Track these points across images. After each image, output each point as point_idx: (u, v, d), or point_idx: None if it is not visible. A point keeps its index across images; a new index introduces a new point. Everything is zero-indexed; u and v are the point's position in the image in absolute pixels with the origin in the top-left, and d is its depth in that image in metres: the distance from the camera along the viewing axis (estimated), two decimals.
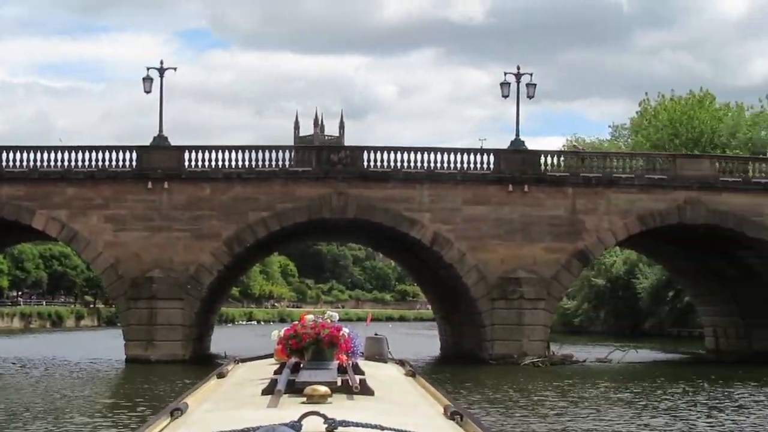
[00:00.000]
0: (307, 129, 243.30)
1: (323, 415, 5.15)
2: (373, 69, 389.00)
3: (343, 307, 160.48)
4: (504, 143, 51.35)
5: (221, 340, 58.77)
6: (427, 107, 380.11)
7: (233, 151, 49.24)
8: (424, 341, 71.01)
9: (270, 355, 9.32)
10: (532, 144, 50.91)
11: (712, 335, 61.70)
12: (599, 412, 29.28)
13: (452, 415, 6.37)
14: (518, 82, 50.54)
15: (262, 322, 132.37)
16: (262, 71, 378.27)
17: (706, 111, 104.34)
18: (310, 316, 8.13)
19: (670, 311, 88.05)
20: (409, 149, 49.57)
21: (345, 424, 5.08)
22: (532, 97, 50.56)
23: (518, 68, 50.63)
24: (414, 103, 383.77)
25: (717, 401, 32.59)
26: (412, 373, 9.07)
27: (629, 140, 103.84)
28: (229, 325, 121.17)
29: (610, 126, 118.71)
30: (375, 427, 5.03)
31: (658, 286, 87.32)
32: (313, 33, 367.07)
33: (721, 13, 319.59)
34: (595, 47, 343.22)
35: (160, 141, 49.29)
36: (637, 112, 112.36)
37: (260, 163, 48.76)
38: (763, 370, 44.75)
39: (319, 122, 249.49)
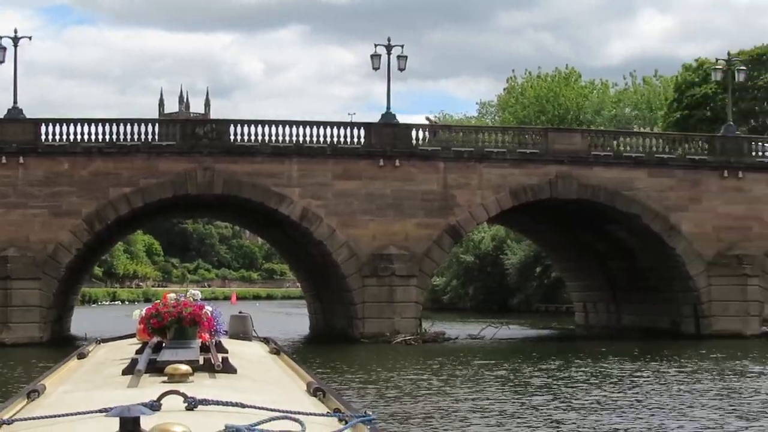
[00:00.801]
0: (172, 107, 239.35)
1: (183, 394, 5.17)
2: (240, 47, 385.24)
3: (209, 286, 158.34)
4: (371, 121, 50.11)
5: (83, 321, 56.72)
6: (294, 85, 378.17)
7: (93, 124, 47.11)
8: (294, 320, 69.87)
9: (132, 335, 9.32)
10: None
11: (582, 310, 61.74)
12: (477, 391, 28.41)
13: (315, 392, 6.45)
14: (389, 54, 49.52)
15: (127, 302, 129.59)
16: (129, 48, 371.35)
17: (572, 88, 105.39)
18: (172, 295, 8.10)
19: (537, 287, 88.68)
20: (277, 122, 48.15)
21: (205, 402, 5.13)
22: (404, 69, 49.54)
23: (389, 40, 49.61)
24: (280, 81, 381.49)
25: (592, 377, 32.05)
26: (276, 351, 9.25)
27: (496, 117, 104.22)
28: (93, 305, 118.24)
29: (477, 103, 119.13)
30: (236, 405, 5.11)
31: (526, 262, 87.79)
32: (181, 10, 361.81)
33: None
34: (460, 27, 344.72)
35: (15, 113, 46.93)
36: (504, 89, 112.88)
37: (122, 136, 46.77)
38: (633, 345, 44.82)
39: (185, 100, 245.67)
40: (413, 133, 48.88)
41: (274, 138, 47.33)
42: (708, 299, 49.43)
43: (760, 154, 51.13)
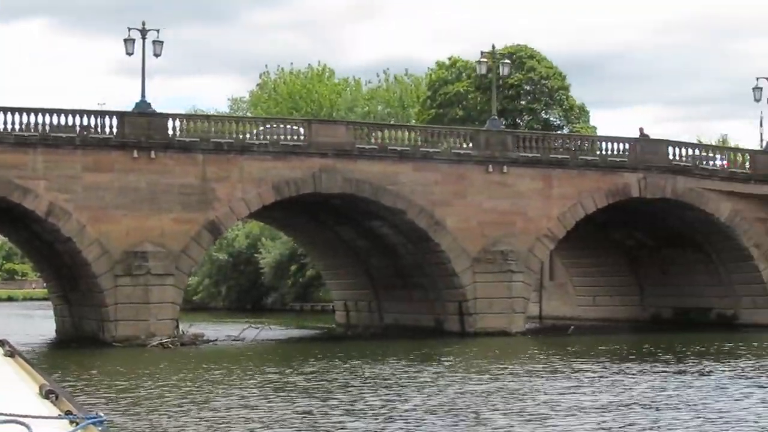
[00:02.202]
0: None
1: None
2: None
3: None
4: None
5: None
6: (39, 80, 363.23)
7: None
8: (38, 323, 65.98)
9: None
10: None
11: (343, 309, 60.32)
12: (240, 397, 26.43)
13: (47, 395, 6.55)
14: (144, 38, 46.55)
15: None
16: None
17: (325, 85, 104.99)
18: None
19: (292, 286, 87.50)
20: (20, 110, 44.20)
21: None
22: (159, 55, 46.68)
23: (143, 24, 46.64)
24: (24, 76, 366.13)
25: (361, 379, 30.54)
26: (10, 354, 9.28)
27: (248, 113, 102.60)
28: None
29: (229, 99, 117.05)
30: None
31: (281, 260, 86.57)
32: None
33: None
34: (208, 25, 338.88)
35: None
36: (257, 85, 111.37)
37: None
38: (398, 344, 43.90)
39: None
40: (170, 123, 46.07)
41: (17, 126, 43.64)
42: (473, 296, 48.68)
43: (523, 148, 50.70)
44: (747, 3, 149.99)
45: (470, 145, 50.03)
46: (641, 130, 55.36)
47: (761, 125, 64.69)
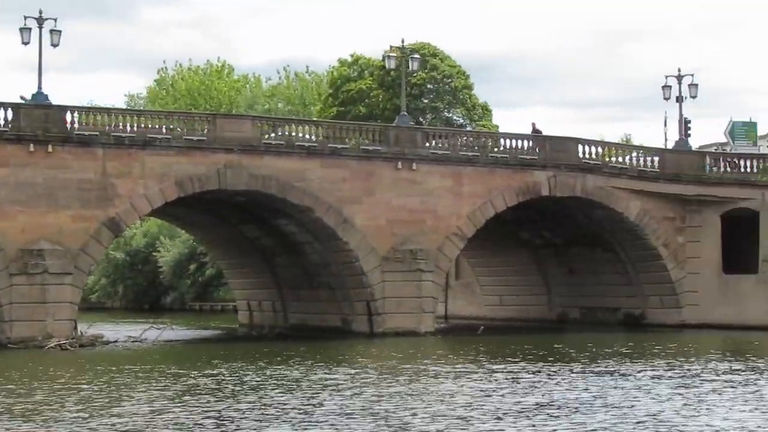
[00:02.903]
0: None
1: None
2: None
3: None
4: None
5: None
6: None
7: None
8: None
9: None
10: None
11: (246, 309, 59.07)
12: (145, 402, 25.14)
13: None
14: (40, 27, 44.80)
15: None
16: None
17: (225, 82, 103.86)
18: None
19: (191, 285, 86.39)
20: None
21: None
22: (57, 45, 44.89)
23: (40, 12, 44.87)
24: None
25: (274, 381, 29.34)
26: None
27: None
28: None
29: (125, 95, 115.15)
30: None
31: (180, 259, 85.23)
32: None
33: None
34: (104, 21, 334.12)
35: None
36: (155, 81, 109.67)
37: None
38: (304, 345, 43.12)
39: None
40: (68, 115, 44.33)
41: None
42: (381, 296, 47.77)
43: (433, 145, 49.91)
44: (642, 8, 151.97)
45: (379, 141, 49.05)
46: (533, 125, 55.12)
47: (665, 125, 65.04)
